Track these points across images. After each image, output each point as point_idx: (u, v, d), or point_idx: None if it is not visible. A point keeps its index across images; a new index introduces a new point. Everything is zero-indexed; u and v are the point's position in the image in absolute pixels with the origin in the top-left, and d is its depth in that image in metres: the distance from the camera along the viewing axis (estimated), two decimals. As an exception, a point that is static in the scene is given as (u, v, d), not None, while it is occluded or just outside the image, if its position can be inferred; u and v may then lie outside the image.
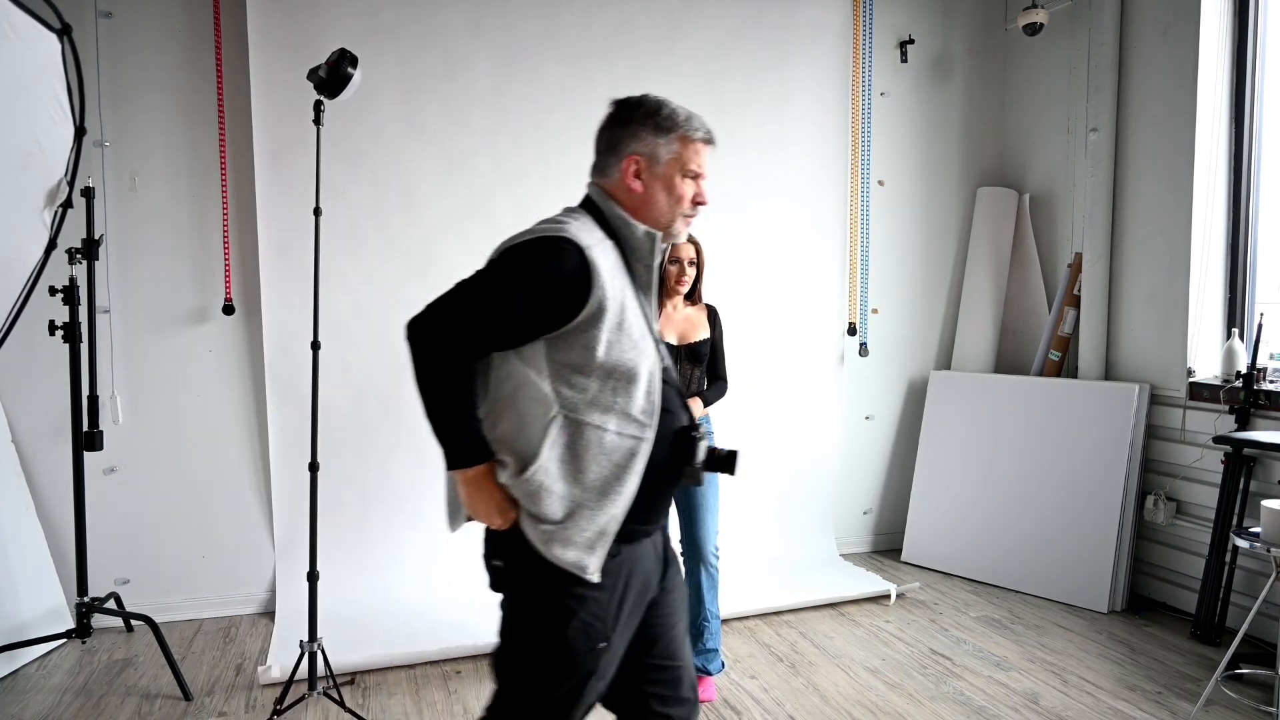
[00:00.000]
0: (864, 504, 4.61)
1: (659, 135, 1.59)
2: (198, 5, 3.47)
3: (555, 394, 1.48)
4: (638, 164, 1.58)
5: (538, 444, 1.47)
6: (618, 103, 1.66)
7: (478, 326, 1.46)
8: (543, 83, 3.84)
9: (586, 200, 1.66)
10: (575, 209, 1.65)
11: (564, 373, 1.48)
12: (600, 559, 1.48)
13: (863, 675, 3.08)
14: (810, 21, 4.22)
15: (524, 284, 1.46)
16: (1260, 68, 3.56)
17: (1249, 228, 3.61)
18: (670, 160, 1.58)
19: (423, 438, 4.04)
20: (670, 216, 1.60)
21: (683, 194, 1.60)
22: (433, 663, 3.15)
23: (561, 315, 1.46)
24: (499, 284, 1.48)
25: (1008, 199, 4.49)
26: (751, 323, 4.11)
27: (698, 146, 1.61)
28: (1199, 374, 3.61)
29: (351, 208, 3.63)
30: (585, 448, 1.47)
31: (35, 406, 3.38)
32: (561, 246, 1.47)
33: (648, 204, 1.59)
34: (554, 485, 1.47)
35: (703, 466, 1.59)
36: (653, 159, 1.58)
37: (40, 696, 2.89)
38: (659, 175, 1.58)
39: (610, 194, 1.61)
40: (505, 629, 1.58)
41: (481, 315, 1.46)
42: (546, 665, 1.50)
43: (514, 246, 1.52)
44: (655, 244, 1.59)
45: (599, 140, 1.66)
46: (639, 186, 1.59)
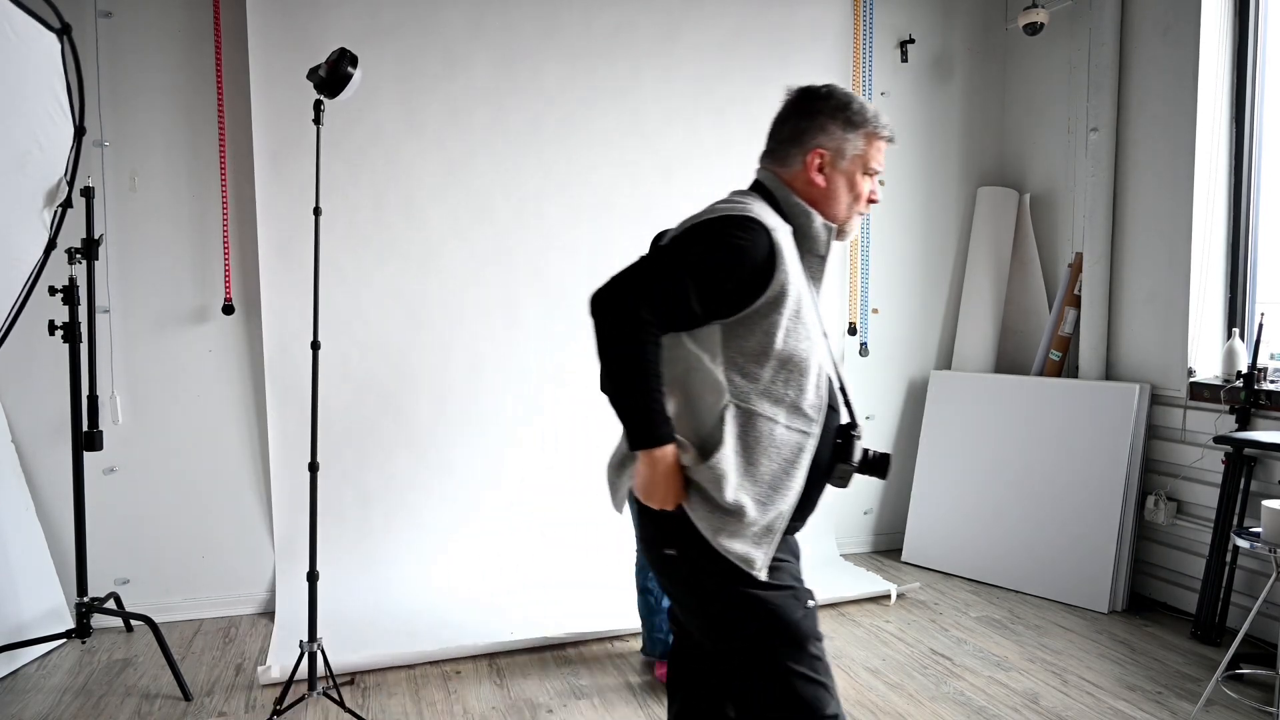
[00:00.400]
0: (864, 504, 4.61)
1: (847, 130, 1.55)
2: (198, 5, 3.47)
3: (727, 381, 1.45)
4: (822, 158, 1.55)
5: (718, 431, 1.44)
6: (804, 92, 1.60)
7: (666, 298, 1.41)
8: (543, 83, 3.84)
9: (759, 186, 1.61)
10: (747, 192, 1.60)
11: (738, 359, 1.45)
12: (768, 555, 1.46)
13: (863, 675, 3.08)
14: (810, 21, 4.22)
15: (716, 257, 1.42)
16: (1260, 68, 3.56)
17: (1249, 227, 3.61)
18: (855, 156, 1.56)
19: (423, 438, 4.07)
20: (848, 213, 1.58)
21: (861, 191, 1.58)
22: (433, 663, 3.15)
23: (745, 295, 1.43)
24: (690, 257, 1.43)
25: (1008, 199, 4.49)
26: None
27: (881, 145, 1.58)
28: (1199, 374, 3.61)
29: (351, 207, 3.63)
30: (757, 440, 1.45)
31: (35, 406, 3.38)
32: (752, 225, 1.43)
33: (828, 199, 1.57)
34: (731, 475, 1.44)
35: (857, 468, 1.57)
36: (838, 154, 1.55)
37: (40, 696, 2.89)
38: (842, 170, 1.56)
39: (788, 183, 1.57)
40: (715, 629, 1.53)
41: (671, 287, 1.41)
42: (779, 646, 1.48)
43: (703, 222, 1.47)
44: (832, 238, 1.56)
45: (779, 127, 1.61)
46: (821, 181, 1.55)
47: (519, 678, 3.06)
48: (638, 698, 2.91)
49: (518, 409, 3.89)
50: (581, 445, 3.91)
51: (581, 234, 3.93)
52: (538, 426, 3.91)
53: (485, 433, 3.85)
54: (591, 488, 3.82)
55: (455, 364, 3.81)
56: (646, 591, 3.03)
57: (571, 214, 3.92)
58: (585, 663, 3.18)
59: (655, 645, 3.06)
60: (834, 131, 1.54)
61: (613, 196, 3.97)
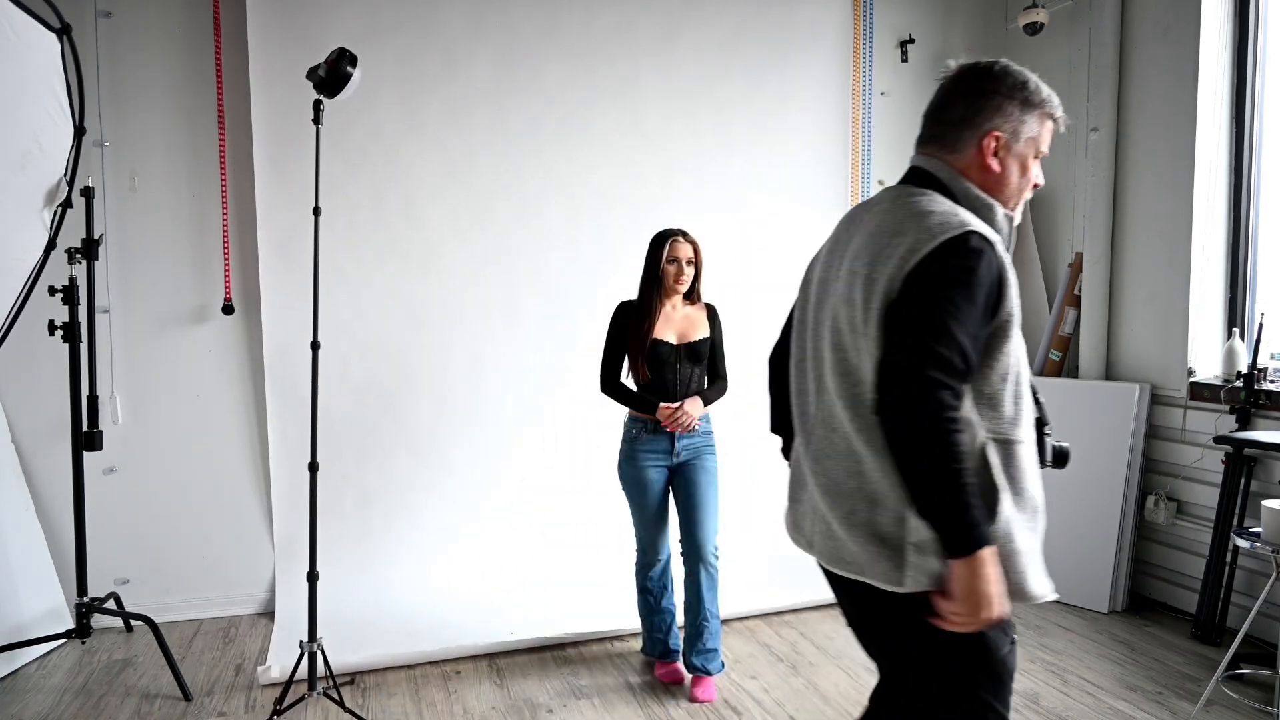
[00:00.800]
0: (864, 504, 4.61)
1: (1025, 111, 1.44)
2: (198, 5, 3.47)
3: (980, 418, 1.34)
4: (998, 140, 1.43)
5: (985, 473, 1.33)
6: (974, 70, 1.46)
7: (960, 359, 1.25)
8: (543, 82, 3.85)
9: (924, 176, 1.47)
10: (923, 190, 1.43)
11: (984, 391, 1.34)
12: (1044, 574, 1.40)
13: (863, 675, 3.08)
14: (810, 21, 4.22)
15: (976, 293, 1.27)
16: (1260, 68, 3.56)
17: (1249, 227, 3.61)
18: (1029, 139, 1.45)
19: (423, 438, 4.07)
20: (1018, 199, 1.47)
21: (1031, 176, 1.47)
22: (432, 663, 3.15)
23: (986, 323, 1.31)
24: (949, 307, 1.26)
25: (1008, 199, 4.49)
26: (752, 323, 4.10)
27: (1052, 126, 1.48)
28: (1199, 374, 3.61)
29: (351, 207, 3.63)
30: (1018, 469, 1.36)
31: (35, 406, 3.38)
32: (983, 245, 1.30)
33: (1002, 185, 1.45)
34: (1011, 513, 1.35)
35: (1051, 464, 1.51)
36: (1014, 136, 1.44)
37: (40, 696, 2.89)
38: (1016, 154, 1.44)
39: (962, 172, 1.44)
40: (913, 665, 1.45)
41: (960, 344, 1.25)
42: (984, 680, 1.40)
43: (939, 252, 1.29)
44: (1013, 229, 1.45)
45: (946, 109, 1.48)
46: (997, 166, 1.43)
47: (519, 678, 3.06)
48: (638, 698, 2.91)
49: (518, 409, 3.89)
50: (581, 445, 3.91)
51: (582, 234, 3.93)
52: (537, 426, 3.92)
53: (485, 433, 3.85)
54: (591, 488, 3.84)
55: (455, 364, 3.81)
56: (646, 591, 3.03)
57: (572, 214, 3.92)
58: (585, 663, 3.18)
59: (656, 646, 3.06)
60: (1011, 112, 1.43)
61: (613, 196, 3.97)
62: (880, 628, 1.48)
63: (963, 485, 1.24)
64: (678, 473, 2.93)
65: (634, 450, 2.91)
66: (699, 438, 2.93)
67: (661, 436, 2.89)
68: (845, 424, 1.41)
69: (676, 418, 2.82)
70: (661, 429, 2.87)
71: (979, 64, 1.46)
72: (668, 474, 2.94)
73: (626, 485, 2.95)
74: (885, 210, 1.43)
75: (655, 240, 2.89)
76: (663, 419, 2.84)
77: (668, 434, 2.88)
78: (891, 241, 1.35)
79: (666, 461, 2.91)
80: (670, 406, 2.84)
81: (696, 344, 2.91)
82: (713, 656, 2.92)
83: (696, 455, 2.93)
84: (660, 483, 2.93)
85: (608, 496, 3.31)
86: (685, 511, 2.91)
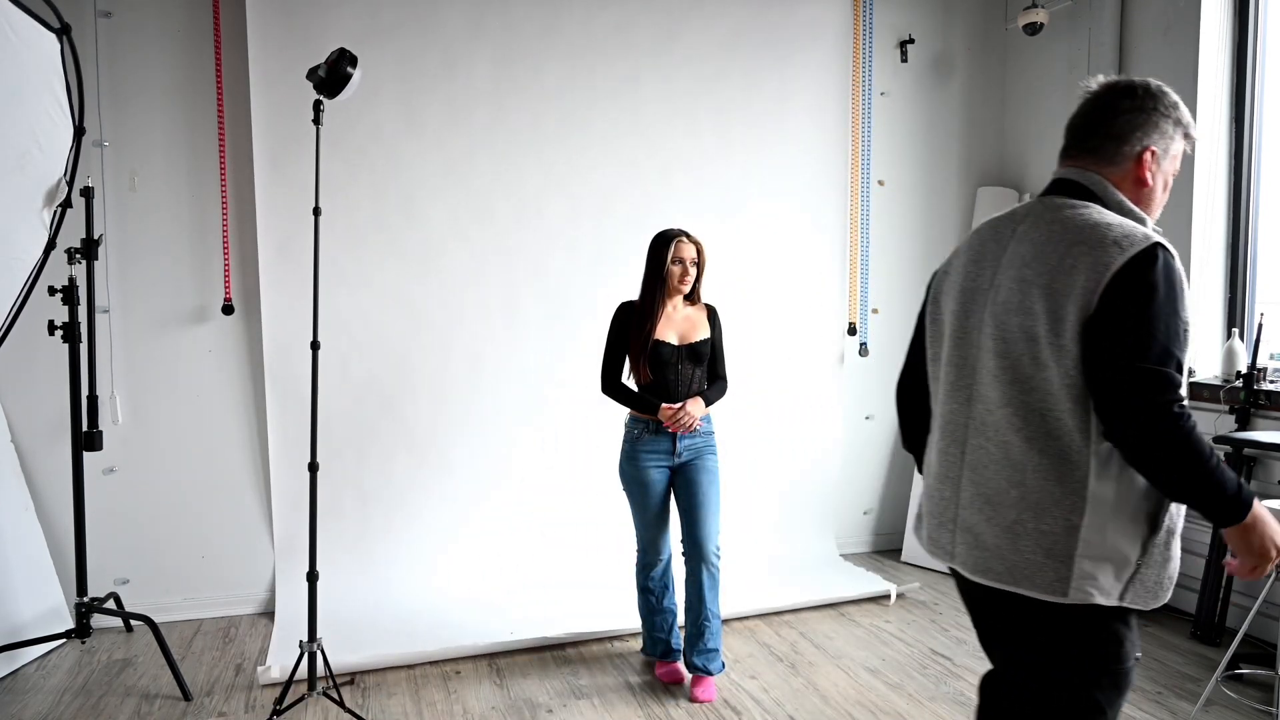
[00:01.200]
0: (864, 504, 4.61)
1: (1176, 130, 1.51)
2: (198, 5, 3.47)
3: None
4: (1153, 155, 1.49)
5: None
6: (1130, 87, 1.52)
7: (1179, 372, 1.34)
8: (543, 82, 3.85)
9: (1075, 187, 1.51)
10: (1077, 201, 1.49)
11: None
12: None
13: (863, 675, 3.08)
14: (810, 21, 4.22)
15: (1179, 305, 1.35)
16: (1260, 68, 3.56)
17: (1249, 227, 3.61)
18: (1173, 156, 1.52)
19: (422, 438, 4.07)
20: (1158, 212, 1.53)
21: (1168, 190, 1.54)
22: (432, 663, 3.15)
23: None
24: (1167, 320, 1.33)
25: (1008, 199, 4.49)
26: (752, 323, 4.11)
27: (1185, 147, 1.55)
28: (1199, 374, 3.61)
29: (351, 207, 3.63)
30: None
31: (35, 406, 3.38)
32: (1169, 257, 1.36)
33: (1151, 198, 1.51)
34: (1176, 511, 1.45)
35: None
36: (1165, 153, 1.50)
37: (40, 697, 2.89)
38: (1163, 169, 1.51)
39: (1116, 184, 1.50)
40: (1040, 672, 1.48)
41: (1179, 360, 1.34)
42: (1108, 689, 1.45)
43: (1133, 267, 1.34)
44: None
45: (1104, 123, 1.51)
46: (1150, 180, 1.50)
47: (519, 678, 3.06)
48: (637, 697, 2.91)
49: (518, 409, 3.89)
50: (582, 445, 3.91)
51: (582, 233, 3.93)
52: (538, 426, 3.91)
53: (485, 433, 3.85)
54: (591, 488, 3.84)
55: (455, 364, 3.81)
56: (647, 591, 3.03)
57: (572, 213, 3.92)
58: (585, 663, 3.18)
59: (656, 646, 3.06)
60: (1166, 130, 1.50)
61: (613, 196, 3.97)
62: (1024, 638, 1.50)
63: (1220, 475, 1.31)
64: (679, 473, 2.93)
65: (636, 450, 2.91)
66: (700, 438, 2.93)
67: (663, 437, 2.89)
68: (1010, 432, 1.44)
69: (678, 418, 2.82)
70: (663, 429, 2.87)
71: (1136, 82, 1.52)
72: (669, 474, 2.94)
73: (628, 485, 2.95)
74: (1050, 221, 1.46)
75: (659, 241, 2.88)
76: (664, 419, 2.84)
77: (669, 434, 2.88)
78: (1070, 251, 1.39)
79: (668, 462, 2.91)
80: (672, 407, 2.84)
81: (697, 344, 2.91)
82: (714, 656, 2.92)
83: (698, 455, 2.93)
84: (662, 483, 2.93)
85: (608, 496, 3.31)
86: (687, 511, 2.91)
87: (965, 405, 1.53)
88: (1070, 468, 1.38)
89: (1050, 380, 1.38)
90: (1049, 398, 1.39)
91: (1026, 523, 1.41)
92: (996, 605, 1.51)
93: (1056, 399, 1.38)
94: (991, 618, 1.58)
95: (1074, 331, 1.36)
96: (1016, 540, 1.42)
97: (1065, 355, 1.36)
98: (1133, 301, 1.33)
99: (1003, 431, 1.44)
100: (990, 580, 1.46)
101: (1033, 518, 1.41)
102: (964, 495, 1.51)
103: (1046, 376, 1.39)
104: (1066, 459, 1.38)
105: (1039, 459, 1.40)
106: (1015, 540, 1.42)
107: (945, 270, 1.66)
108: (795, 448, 4.31)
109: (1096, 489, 1.37)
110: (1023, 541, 1.41)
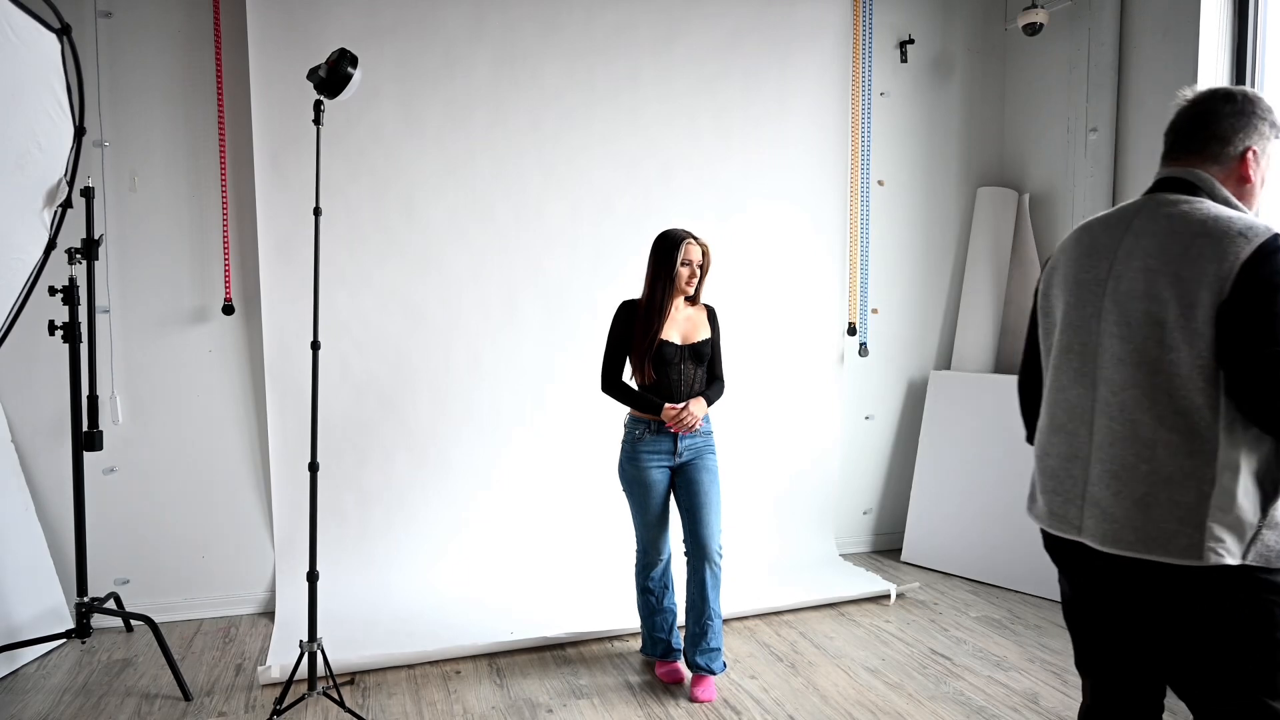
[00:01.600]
0: (864, 504, 4.61)
1: (1271, 131, 1.65)
2: (198, 5, 3.47)
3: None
4: (1255, 155, 1.63)
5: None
6: (1234, 95, 1.66)
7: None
8: (543, 82, 3.85)
9: (1183, 184, 1.64)
10: (1191, 196, 1.61)
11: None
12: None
13: (863, 675, 3.08)
14: (810, 21, 4.22)
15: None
16: (1260, 68, 3.56)
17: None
18: (1268, 157, 1.66)
19: (422, 438, 4.07)
20: (1256, 208, 1.66)
21: (1266, 188, 1.66)
22: (433, 663, 3.15)
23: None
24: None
25: (1008, 199, 4.49)
26: (751, 323, 4.11)
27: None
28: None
29: (351, 208, 3.63)
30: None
31: (35, 406, 3.38)
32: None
33: (1252, 194, 1.65)
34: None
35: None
36: (1262, 153, 1.64)
37: (40, 697, 2.89)
38: (1262, 168, 1.66)
39: (1223, 182, 1.64)
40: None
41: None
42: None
43: (1261, 256, 1.46)
44: None
45: (1204, 126, 1.65)
46: (1253, 177, 1.64)
47: (519, 677, 3.06)
48: (637, 697, 2.91)
49: (517, 408, 3.89)
50: (581, 445, 3.91)
51: (582, 233, 3.94)
52: (537, 426, 3.92)
53: (485, 433, 3.85)
54: (591, 488, 3.84)
55: (455, 364, 3.81)
56: (647, 591, 3.03)
57: (571, 213, 3.92)
58: (585, 662, 3.18)
59: (656, 646, 3.06)
60: (1266, 133, 1.64)
61: (613, 196, 3.97)
62: (1160, 605, 1.58)
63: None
64: (680, 473, 2.93)
65: (636, 451, 2.91)
66: (700, 438, 2.93)
67: (664, 437, 2.89)
68: (1138, 411, 1.54)
69: (681, 418, 2.83)
70: (664, 430, 2.87)
71: (1233, 89, 1.67)
72: (670, 474, 2.94)
73: (628, 486, 2.95)
74: (1168, 215, 1.59)
75: (668, 243, 2.87)
76: (667, 419, 2.84)
77: (670, 435, 2.88)
78: (1195, 243, 1.51)
79: (669, 462, 2.91)
80: (675, 407, 2.84)
81: (699, 345, 2.92)
82: (716, 656, 2.92)
83: (698, 455, 2.93)
84: (663, 483, 2.93)
85: (607, 496, 3.32)
86: (690, 511, 2.91)
87: (1090, 390, 1.64)
88: (1200, 442, 1.48)
89: (1179, 362, 1.49)
90: (1176, 378, 1.50)
91: (1159, 494, 1.52)
92: (1126, 575, 1.59)
93: (1186, 379, 1.48)
94: (1127, 588, 1.64)
95: (1207, 315, 1.47)
96: (1148, 511, 1.53)
97: (1198, 338, 1.47)
98: (1263, 289, 1.45)
99: (1129, 411, 1.55)
100: (1122, 549, 1.56)
101: (1164, 490, 1.52)
102: (1093, 472, 1.62)
103: (1175, 359, 1.50)
104: (1196, 434, 1.48)
105: (1168, 435, 1.51)
106: (1147, 511, 1.53)
107: (1053, 266, 1.78)
108: (795, 447, 4.31)
109: (1224, 460, 1.47)
110: (1154, 512, 1.52)
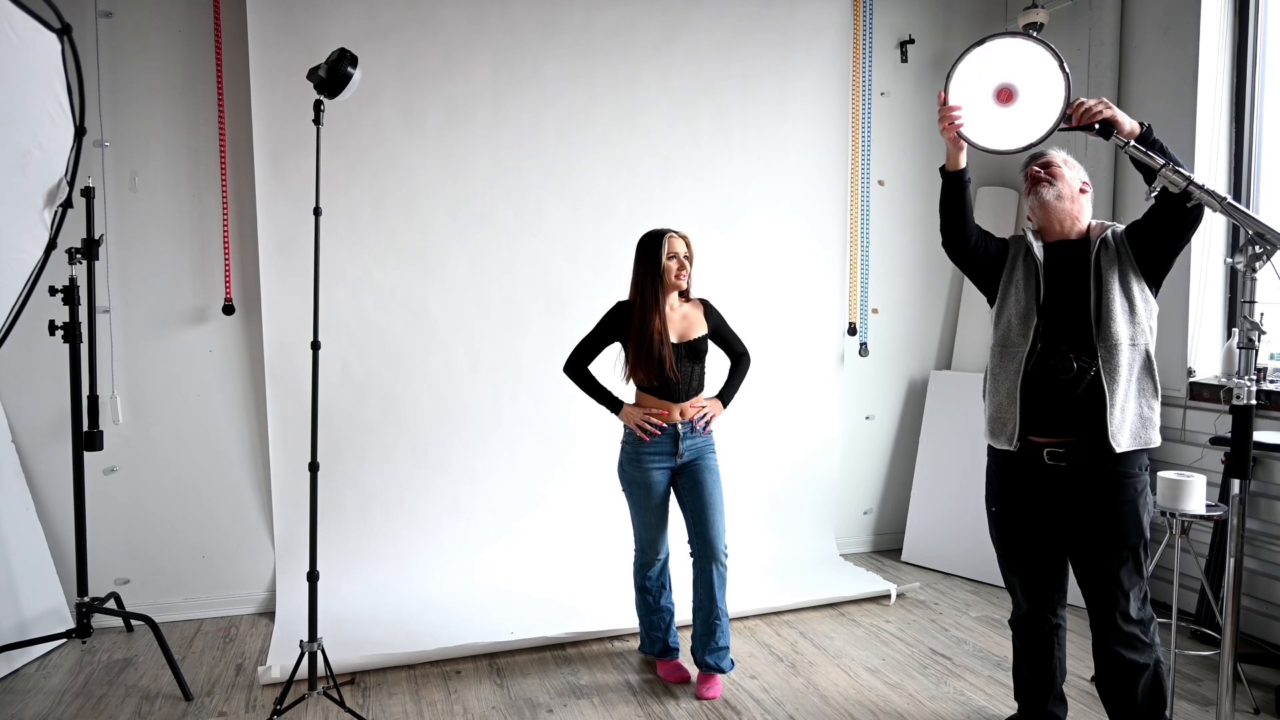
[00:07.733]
0: (864, 504, 4.62)
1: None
2: (198, 5, 3.47)
3: None
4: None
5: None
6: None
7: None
8: (543, 82, 3.85)
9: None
10: None
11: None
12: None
13: (863, 675, 3.08)
14: (810, 21, 4.22)
15: None
16: (1260, 68, 3.56)
17: (1249, 227, 3.61)
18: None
19: (423, 438, 4.07)
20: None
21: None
22: (433, 663, 3.15)
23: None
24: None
25: (1008, 199, 4.49)
26: (752, 322, 4.11)
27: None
28: (1199, 374, 3.61)
29: (352, 207, 3.63)
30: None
31: (35, 406, 3.38)
32: None
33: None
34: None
35: None
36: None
37: (40, 697, 2.89)
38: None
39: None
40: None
41: None
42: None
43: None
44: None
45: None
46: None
47: (519, 677, 3.06)
48: (637, 697, 2.91)
49: (517, 408, 3.89)
50: (581, 445, 3.91)
51: (582, 233, 3.94)
52: (537, 426, 3.92)
53: (485, 432, 3.85)
54: (591, 488, 3.84)
55: (455, 364, 3.81)
56: (645, 591, 3.03)
57: (572, 213, 3.92)
58: (585, 662, 3.18)
59: (654, 644, 3.07)
60: None
61: (613, 196, 3.97)
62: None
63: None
64: (682, 474, 2.93)
65: (638, 452, 2.91)
66: (701, 438, 2.94)
67: (666, 438, 2.89)
68: None
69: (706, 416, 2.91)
70: (666, 431, 2.88)
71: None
72: (670, 475, 2.94)
73: (629, 486, 2.95)
74: None
75: (651, 241, 2.88)
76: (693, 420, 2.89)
77: (671, 436, 2.89)
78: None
79: (670, 463, 2.91)
80: (698, 406, 2.90)
81: (696, 342, 2.92)
82: (724, 654, 2.93)
83: (700, 456, 2.93)
84: (664, 484, 2.93)
85: (607, 496, 3.32)
86: (695, 512, 2.90)
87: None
88: None
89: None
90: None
91: None
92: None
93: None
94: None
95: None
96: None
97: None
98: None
99: None
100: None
101: None
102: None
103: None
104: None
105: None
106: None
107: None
108: (795, 447, 4.31)
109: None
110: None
